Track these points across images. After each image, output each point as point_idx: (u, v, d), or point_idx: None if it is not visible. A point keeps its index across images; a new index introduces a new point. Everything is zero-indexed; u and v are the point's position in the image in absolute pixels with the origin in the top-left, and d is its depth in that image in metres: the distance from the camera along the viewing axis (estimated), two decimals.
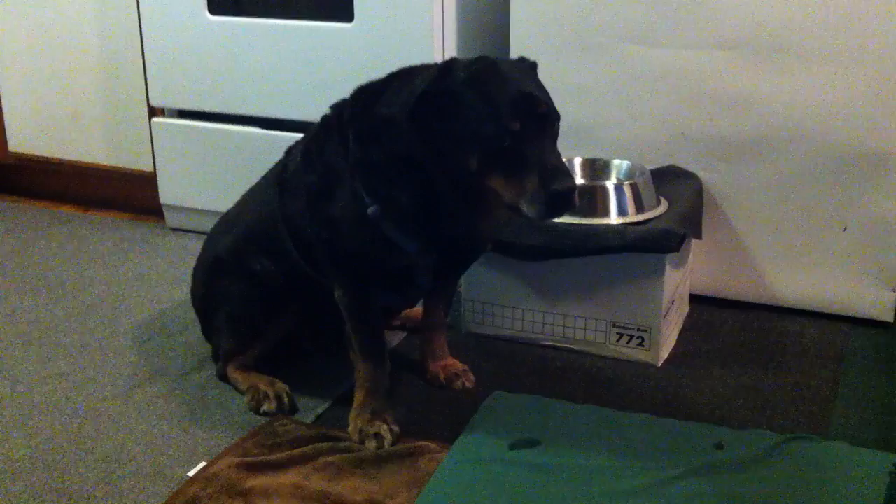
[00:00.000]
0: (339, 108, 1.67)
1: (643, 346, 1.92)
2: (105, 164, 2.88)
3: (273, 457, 1.57)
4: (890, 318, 2.07)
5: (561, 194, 1.43)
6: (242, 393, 1.82)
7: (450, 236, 1.61)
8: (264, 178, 1.85)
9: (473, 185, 1.49)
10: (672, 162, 2.15)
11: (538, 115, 1.47)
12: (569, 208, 1.46)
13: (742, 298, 2.19)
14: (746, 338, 2.05)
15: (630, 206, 1.94)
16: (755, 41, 2.00)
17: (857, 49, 1.93)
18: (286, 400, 1.77)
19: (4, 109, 2.97)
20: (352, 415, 1.68)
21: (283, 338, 1.86)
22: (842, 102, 1.97)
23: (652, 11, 2.07)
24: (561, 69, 2.16)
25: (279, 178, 1.75)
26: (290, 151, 1.78)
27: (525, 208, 1.45)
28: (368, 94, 1.60)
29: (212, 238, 1.92)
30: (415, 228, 1.58)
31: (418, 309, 1.94)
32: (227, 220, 1.91)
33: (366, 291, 1.68)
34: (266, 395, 1.77)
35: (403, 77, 1.58)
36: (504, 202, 1.48)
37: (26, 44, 2.86)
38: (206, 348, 1.97)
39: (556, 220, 1.88)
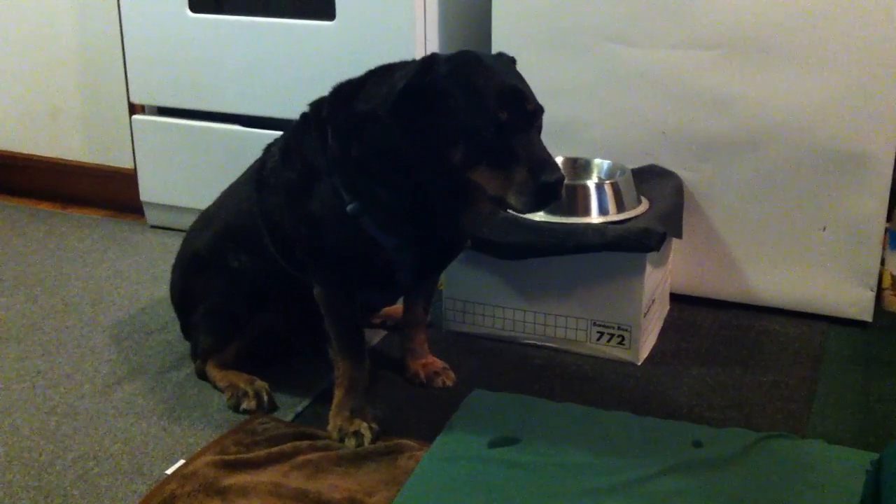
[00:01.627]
0: (317, 105, 1.66)
1: (623, 344, 1.93)
2: (85, 161, 2.87)
3: (252, 455, 1.57)
4: (868, 318, 2.08)
5: (549, 185, 1.43)
6: (221, 391, 1.81)
7: (430, 232, 1.61)
8: (243, 175, 1.84)
9: (456, 179, 1.49)
10: (653, 161, 2.15)
11: (524, 107, 1.47)
12: (555, 199, 1.46)
13: (722, 297, 2.20)
14: (726, 336, 2.05)
15: (611, 204, 1.94)
16: (736, 41, 2.00)
17: (836, 49, 1.94)
18: (265, 398, 1.76)
19: None
20: (331, 413, 1.68)
21: (261, 335, 1.85)
22: (821, 102, 1.98)
23: (633, 11, 2.07)
24: (542, 68, 2.16)
25: (258, 174, 1.75)
26: (269, 149, 1.78)
27: (512, 200, 1.45)
28: (347, 92, 1.60)
29: (190, 235, 1.92)
30: (395, 225, 1.58)
31: (399, 307, 1.94)
32: (206, 217, 1.90)
33: (345, 289, 1.67)
34: (245, 393, 1.76)
35: (381, 74, 1.58)
36: (488, 195, 1.48)
37: (5, 39, 2.84)
38: (185, 346, 1.96)
39: (537, 218, 1.90)
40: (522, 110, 1.47)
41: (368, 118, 1.52)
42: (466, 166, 1.47)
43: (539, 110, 1.51)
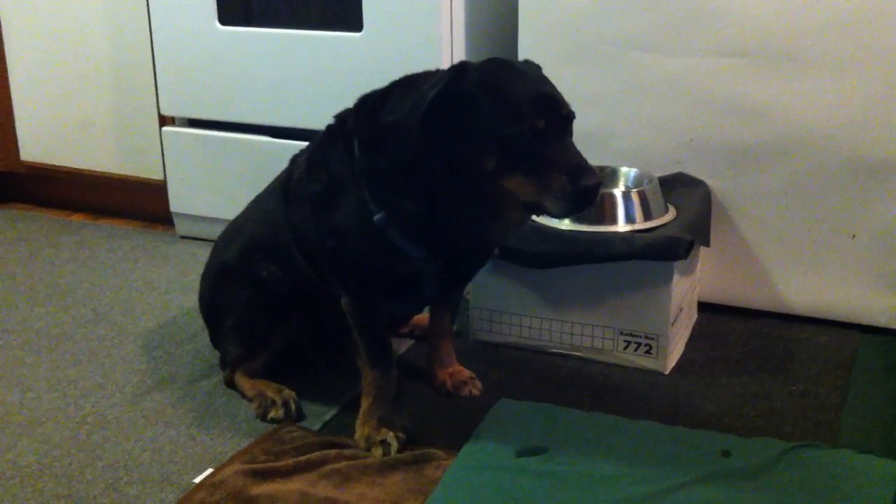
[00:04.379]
0: (342, 117, 1.67)
1: (651, 353, 1.92)
2: (116, 172, 2.89)
3: (280, 464, 1.57)
4: None
5: (588, 189, 1.44)
6: (249, 400, 1.82)
7: (457, 243, 1.61)
8: (270, 186, 1.85)
9: (486, 187, 1.49)
10: (680, 169, 2.14)
11: (559, 112, 1.48)
12: (592, 203, 1.46)
13: (750, 306, 2.18)
14: (754, 345, 2.04)
15: (638, 213, 1.94)
16: (763, 49, 1.99)
17: (865, 56, 1.92)
18: (293, 407, 1.77)
19: (17, 119, 2.99)
20: (358, 422, 1.68)
21: (289, 345, 1.86)
22: (850, 110, 1.96)
23: (660, 20, 2.07)
24: (569, 78, 2.15)
25: (284, 186, 1.76)
26: (294, 160, 1.78)
27: (549, 205, 1.45)
28: (372, 103, 1.60)
29: (218, 245, 1.93)
30: (421, 235, 1.58)
31: (425, 316, 1.95)
32: (234, 228, 1.91)
33: (372, 299, 1.68)
34: (273, 402, 1.77)
35: (406, 84, 1.57)
36: (521, 201, 1.48)
37: (37, 54, 2.88)
38: (214, 356, 1.98)
39: (563, 227, 1.90)
40: (557, 116, 1.48)
41: (396, 129, 1.52)
42: (500, 174, 1.46)
43: (572, 115, 1.51)
